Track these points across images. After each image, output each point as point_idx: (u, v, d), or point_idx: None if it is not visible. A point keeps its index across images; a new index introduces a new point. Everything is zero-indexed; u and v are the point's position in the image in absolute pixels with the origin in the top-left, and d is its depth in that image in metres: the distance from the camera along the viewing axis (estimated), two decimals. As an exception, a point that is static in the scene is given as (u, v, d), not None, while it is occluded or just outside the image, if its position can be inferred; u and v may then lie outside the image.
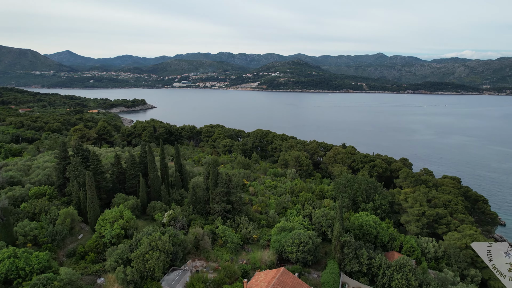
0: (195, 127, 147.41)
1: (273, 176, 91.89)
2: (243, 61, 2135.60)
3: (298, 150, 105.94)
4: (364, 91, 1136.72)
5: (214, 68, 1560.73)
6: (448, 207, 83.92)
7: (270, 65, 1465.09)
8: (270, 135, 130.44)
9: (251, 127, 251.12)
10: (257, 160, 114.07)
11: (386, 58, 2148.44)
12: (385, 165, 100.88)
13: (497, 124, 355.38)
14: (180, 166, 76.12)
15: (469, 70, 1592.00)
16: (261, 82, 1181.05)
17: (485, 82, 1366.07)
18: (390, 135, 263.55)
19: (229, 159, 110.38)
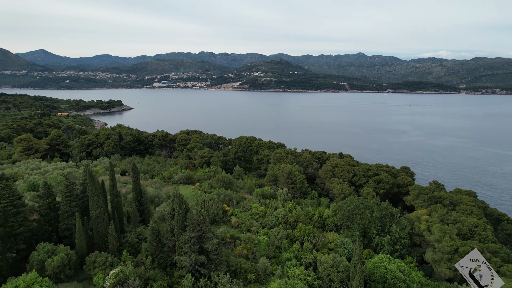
0: (169, 134, 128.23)
1: (261, 197, 74.47)
2: (224, 60, 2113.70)
3: (289, 162, 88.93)
4: (346, 90, 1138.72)
5: (195, 68, 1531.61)
6: (476, 233, 68.91)
7: (252, 64, 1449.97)
8: (255, 143, 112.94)
9: (233, 131, 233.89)
10: (240, 175, 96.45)
11: (366, 57, 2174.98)
12: (392, 180, 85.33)
13: (482, 125, 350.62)
14: (139, 193, 57.80)
15: (446, 69, 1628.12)
16: (243, 82, 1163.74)
17: (462, 82, 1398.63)
18: (379, 137, 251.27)
19: (207, 174, 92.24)
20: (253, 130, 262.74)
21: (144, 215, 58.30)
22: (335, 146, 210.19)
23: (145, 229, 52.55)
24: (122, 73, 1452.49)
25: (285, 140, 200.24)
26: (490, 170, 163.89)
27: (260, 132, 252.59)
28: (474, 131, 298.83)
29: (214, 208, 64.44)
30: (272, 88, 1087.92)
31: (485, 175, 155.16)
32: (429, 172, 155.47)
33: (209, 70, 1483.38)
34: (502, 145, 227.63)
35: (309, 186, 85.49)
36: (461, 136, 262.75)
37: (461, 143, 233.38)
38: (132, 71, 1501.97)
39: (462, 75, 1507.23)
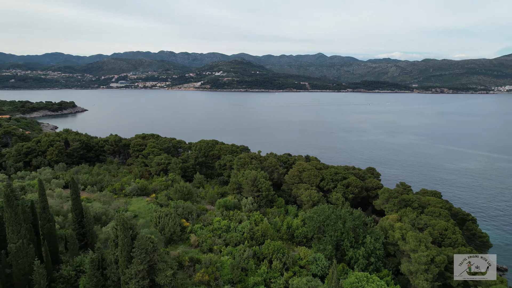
0: (122, 139, 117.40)
1: (224, 209, 67.73)
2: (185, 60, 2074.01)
3: (254, 167, 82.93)
4: (307, 90, 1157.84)
5: (155, 68, 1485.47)
6: (446, 237, 67.11)
7: (214, 64, 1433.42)
8: (217, 147, 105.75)
9: (195, 134, 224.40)
10: (201, 183, 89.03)
11: (326, 58, 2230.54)
12: (360, 183, 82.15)
13: (435, 122, 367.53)
14: (80, 213, 48.89)
15: (400, 70, 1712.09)
16: (205, 82, 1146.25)
17: (414, 81, 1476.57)
18: (342, 136, 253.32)
19: (164, 183, 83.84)
20: (216, 132, 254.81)
21: (87, 239, 49.49)
22: (300, 147, 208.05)
23: (86, 258, 43.98)
24: (76, 72, 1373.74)
25: (249, 143, 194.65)
26: (447, 167, 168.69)
27: (223, 134, 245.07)
28: (428, 128, 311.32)
29: (170, 226, 56.83)
30: (234, 88, 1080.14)
31: (443, 172, 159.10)
32: (393, 171, 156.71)
33: (169, 70, 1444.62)
34: (453, 142, 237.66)
35: (275, 193, 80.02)
36: (417, 134, 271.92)
37: (418, 141, 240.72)
38: (88, 71, 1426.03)
39: (414, 75, 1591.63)
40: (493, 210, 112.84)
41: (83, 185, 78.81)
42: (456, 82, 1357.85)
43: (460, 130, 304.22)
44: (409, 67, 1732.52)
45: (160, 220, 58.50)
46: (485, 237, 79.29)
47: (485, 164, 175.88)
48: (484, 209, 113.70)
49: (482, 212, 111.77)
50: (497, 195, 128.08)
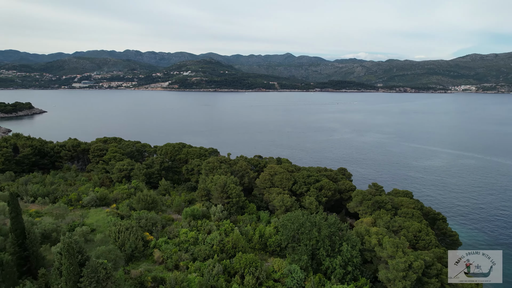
0: (81, 143, 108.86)
1: (191, 219, 62.98)
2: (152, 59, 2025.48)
3: (223, 172, 78.62)
4: (276, 89, 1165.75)
5: (120, 67, 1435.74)
6: (420, 239, 66.28)
7: (182, 63, 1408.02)
8: (184, 150, 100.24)
9: (161, 137, 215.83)
10: (167, 190, 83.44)
11: (294, 58, 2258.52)
12: (333, 186, 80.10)
13: (400, 120, 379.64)
14: (21, 233, 42.53)
15: (366, 70, 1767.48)
16: (173, 82, 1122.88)
17: (379, 81, 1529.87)
18: (312, 136, 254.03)
19: (126, 191, 77.54)
20: (184, 134, 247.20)
21: (31, 263, 43.14)
22: (271, 147, 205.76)
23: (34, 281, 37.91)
24: (34, 71, 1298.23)
25: (218, 145, 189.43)
26: (414, 165, 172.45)
27: (191, 136, 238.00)
28: (394, 126, 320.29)
29: (132, 241, 51.38)
30: (203, 88, 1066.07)
31: (411, 170, 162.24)
32: (363, 170, 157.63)
33: (135, 70, 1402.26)
34: (418, 140, 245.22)
35: (246, 198, 76.15)
36: (384, 132, 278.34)
37: (385, 139, 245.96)
38: (47, 70, 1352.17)
39: (379, 75, 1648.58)
40: (459, 207, 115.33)
41: (32, 197, 70.95)
42: (418, 81, 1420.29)
43: (423, 128, 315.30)
44: (374, 67, 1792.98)
45: (120, 234, 52.83)
46: (455, 236, 79.70)
47: (448, 161, 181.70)
48: (450, 206, 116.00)
49: (449, 209, 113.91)
50: (461, 192, 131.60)
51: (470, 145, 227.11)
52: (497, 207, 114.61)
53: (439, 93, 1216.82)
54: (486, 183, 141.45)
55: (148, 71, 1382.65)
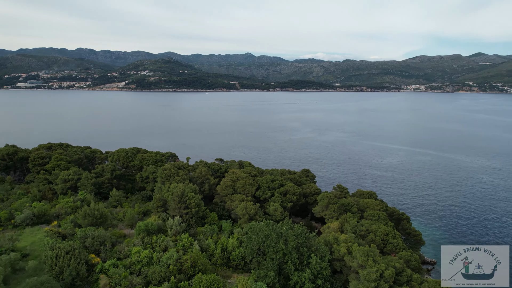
0: (19, 150, 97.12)
1: (145, 234, 56.53)
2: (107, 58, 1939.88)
3: (181, 180, 72.66)
4: (237, 89, 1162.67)
5: (72, 66, 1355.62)
6: (388, 242, 64.72)
7: (139, 63, 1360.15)
8: (138, 156, 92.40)
9: (115, 142, 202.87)
10: (119, 201, 75.71)
11: (254, 58, 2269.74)
12: (298, 190, 76.91)
13: (358, 119, 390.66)
14: None
15: (324, 70, 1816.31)
16: (130, 82, 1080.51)
17: (337, 80, 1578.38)
18: (273, 136, 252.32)
19: (71, 205, 68.98)
20: (142, 136, 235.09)
21: None
22: (233, 148, 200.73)
23: None
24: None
25: (177, 148, 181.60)
26: (375, 163, 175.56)
27: (149, 139, 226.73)
28: (353, 125, 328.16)
29: (72, 267, 44.12)
30: (161, 88, 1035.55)
31: (372, 168, 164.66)
32: (326, 170, 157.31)
33: (89, 69, 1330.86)
34: (376, 138, 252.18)
35: (207, 207, 70.66)
36: (344, 131, 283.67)
37: (345, 138, 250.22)
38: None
39: (337, 75, 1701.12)
40: (419, 205, 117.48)
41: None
42: (373, 81, 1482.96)
43: (380, 126, 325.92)
44: (332, 67, 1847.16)
45: (58, 260, 45.31)
46: (418, 235, 79.77)
47: (406, 158, 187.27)
48: (412, 205, 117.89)
49: (411, 207, 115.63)
50: (420, 189, 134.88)
51: (424, 142, 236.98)
52: (453, 203, 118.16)
53: (393, 92, 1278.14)
54: (441, 180, 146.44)
55: (103, 70, 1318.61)
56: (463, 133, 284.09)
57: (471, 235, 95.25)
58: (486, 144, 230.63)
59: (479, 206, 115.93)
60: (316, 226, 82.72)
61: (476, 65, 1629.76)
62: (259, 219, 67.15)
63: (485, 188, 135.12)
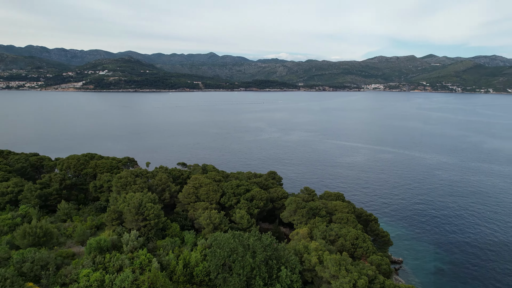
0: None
1: (97, 253, 50.52)
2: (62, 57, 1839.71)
3: (139, 188, 66.93)
4: (201, 89, 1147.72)
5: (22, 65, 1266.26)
6: (358, 246, 63.11)
7: (97, 62, 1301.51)
8: (91, 163, 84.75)
9: (68, 147, 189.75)
10: (68, 214, 68.36)
11: (218, 57, 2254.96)
12: (265, 195, 73.67)
13: (322, 118, 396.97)
14: None
15: (287, 69, 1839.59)
16: (87, 82, 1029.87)
17: (300, 80, 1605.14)
18: (239, 136, 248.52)
19: (8, 222, 60.96)
20: (99, 140, 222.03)
21: None
22: (196, 151, 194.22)
23: None
24: None
25: (137, 152, 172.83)
26: (340, 162, 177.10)
27: (107, 141, 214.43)
28: (317, 124, 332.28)
29: (4, 299, 37.57)
30: (122, 88, 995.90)
31: (338, 167, 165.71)
32: (292, 170, 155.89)
33: (41, 68, 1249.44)
34: (340, 137, 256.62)
35: (167, 218, 65.42)
36: (309, 130, 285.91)
37: (310, 137, 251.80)
38: None
39: (300, 75, 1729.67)
40: (384, 204, 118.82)
41: None
42: (335, 80, 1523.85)
43: (343, 125, 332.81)
44: (295, 67, 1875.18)
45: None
46: (386, 236, 79.39)
47: (369, 156, 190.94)
48: (378, 204, 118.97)
49: (377, 207, 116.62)
50: (384, 188, 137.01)
51: (385, 140, 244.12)
52: (416, 201, 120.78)
53: (354, 91, 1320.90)
54: (403, 177, 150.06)
55: (57, 70, 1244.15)
56: (420, 131, 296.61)
57: (434, 234, 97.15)
58: (441, 141, 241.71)
59: (439, 203, 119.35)
60: (285, 232, 80.00)
61: (429, 66, 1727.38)
62: (225, 228, 63.10)
63: (443, 184, 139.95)
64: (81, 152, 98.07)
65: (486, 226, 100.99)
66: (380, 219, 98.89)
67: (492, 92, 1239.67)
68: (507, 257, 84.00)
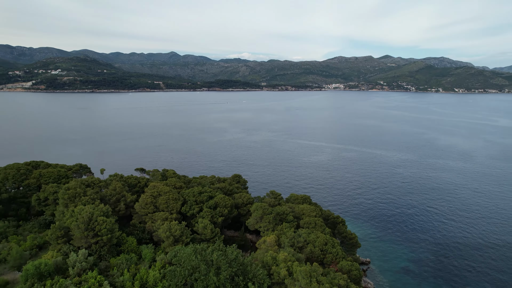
0: None
1: (36, 280, 43.95)
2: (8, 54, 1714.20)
3: (90, 200, 60.29)
4: (162, 89, 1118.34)
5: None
6: (327, 252, 60.90)
7: (49, 61, 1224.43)
8: (35, 173, 75.95)
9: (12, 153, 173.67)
10: (4, 234, 60.11)
11: (179, 57, 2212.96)
12: (230, 201, 69.60)
13: (285, 117, 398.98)
14: None
15: (250, 69, 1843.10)
16: (38, 82, 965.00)
17: (263, 80, 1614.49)
18: (202, 138, 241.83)
19: None
20: (50, 144, 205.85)
21: None
22: (158, 154, 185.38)
23: None
24: None
25: (91, 158, 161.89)
26: (304, 162, 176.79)
27: (57, 148, 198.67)
28: (280, 124, 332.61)
29: None
30: (77, 88, 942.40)
31: (302, 167, 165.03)
32: (257, 171, 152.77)
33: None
34: (304, 136, 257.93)
35: (122, 232, 59.39)
36: (273, 130, 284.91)
37: (274, 137, 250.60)
38: None
39: (262, 75, 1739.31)
40: (350, 205, 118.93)
41: None
42: (297, 80, 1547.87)
43: (306, 124, 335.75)
44: (257, 67, 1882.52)
45: None
46: (354, 238, 78.26)
47: (333, 155, 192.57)
48: (343, 202, 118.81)
49: (342, 204, 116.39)
50: (348, 187, 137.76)
51: (348, 138, 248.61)
52: (380, 200, 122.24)
53: (315, 90, 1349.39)
54: (367, 176, 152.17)
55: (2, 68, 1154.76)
56: (380, 128, 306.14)
57: (398, 232, 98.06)
58: (400, 139, 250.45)
59: (402, 201, 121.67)
60: (251, 239, 76.45)
61: (385, 66, 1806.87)
62: (186, 240, 58.22)
63: (404, 182, 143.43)
64: (24, 160, 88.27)
65: (443, 222, 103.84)
66: (346, 220, 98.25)
67: (441, 91, 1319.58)
68: (464, 252, 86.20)
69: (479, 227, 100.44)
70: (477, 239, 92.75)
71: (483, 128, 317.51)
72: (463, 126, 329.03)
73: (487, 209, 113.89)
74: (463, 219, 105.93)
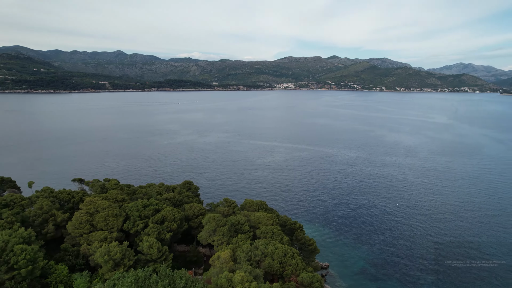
0: None
1: None
2: None
3: (6, 224, 50.53)
4: (108, 90, 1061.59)
5: None
6: (287, 264, 56.76)
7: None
8: None
9: None
10: None
11: (126, 56, 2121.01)
12: (179, 214, 62.97)
13: (238, 118, 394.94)
14: None
15: (201, 69, 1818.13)
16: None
17: (214, 80, 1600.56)
18: (151, 141, 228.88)
19: None
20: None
21: None
22: (102, 161, 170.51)
23: None
24: None
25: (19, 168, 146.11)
26: (258, 163, 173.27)
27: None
28: (233, 124, 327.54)
29: None
30: (9, 88, 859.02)
31: (256, 169, 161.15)
32: (210, 178, 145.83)
33: None
34: (257, 136, 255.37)
35: (50, 259, 50.36)
36: (226, 131, 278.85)
37: (227, 138, 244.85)
38: None
39: (214, 74, 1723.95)
40: (306, 207, 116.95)
41: None
42: (248, 80, 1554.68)
43: (259, 124, 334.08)
44: (208, 66, 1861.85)
45: None
46: (312, 244, 75.33)
47: (286, 155, 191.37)
48: (298, 205, 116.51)
49: (297, 207, 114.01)
50: (303, 189, 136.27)
51: (300, 138, 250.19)
52: (335, 202, 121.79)
53: (267, 90, 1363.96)
54: (321, 177, 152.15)
55: None
56: (331, 127, 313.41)
57: (354, 234, 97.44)
58: (350, 136, 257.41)
59: (356, 201, 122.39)
60: (205, 252, 70.23)
61: (333, 66, 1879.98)
62: (129, 263, 50.68)
63: (357, 181, 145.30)
64: None
65: (395, 220, 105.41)
66: (304, 224, 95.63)
67: (385, 90, 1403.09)
68: (415, 251, 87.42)
69: (429, 223, 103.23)
70: (427, 236, 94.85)
71: (423, 125, 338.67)
72: (406, 123, 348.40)
73: (436, 205, 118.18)
74: (414, 216, 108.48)
